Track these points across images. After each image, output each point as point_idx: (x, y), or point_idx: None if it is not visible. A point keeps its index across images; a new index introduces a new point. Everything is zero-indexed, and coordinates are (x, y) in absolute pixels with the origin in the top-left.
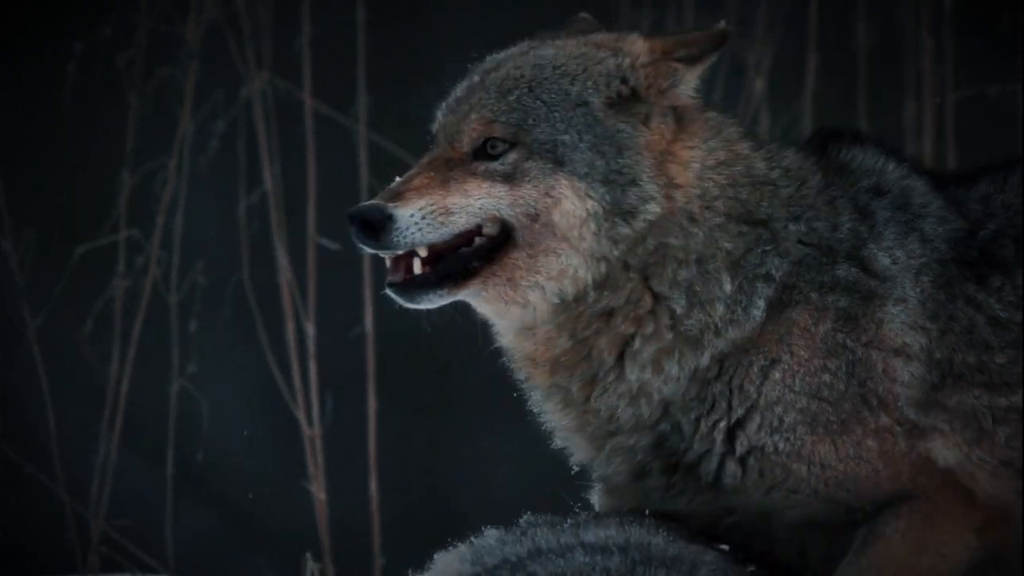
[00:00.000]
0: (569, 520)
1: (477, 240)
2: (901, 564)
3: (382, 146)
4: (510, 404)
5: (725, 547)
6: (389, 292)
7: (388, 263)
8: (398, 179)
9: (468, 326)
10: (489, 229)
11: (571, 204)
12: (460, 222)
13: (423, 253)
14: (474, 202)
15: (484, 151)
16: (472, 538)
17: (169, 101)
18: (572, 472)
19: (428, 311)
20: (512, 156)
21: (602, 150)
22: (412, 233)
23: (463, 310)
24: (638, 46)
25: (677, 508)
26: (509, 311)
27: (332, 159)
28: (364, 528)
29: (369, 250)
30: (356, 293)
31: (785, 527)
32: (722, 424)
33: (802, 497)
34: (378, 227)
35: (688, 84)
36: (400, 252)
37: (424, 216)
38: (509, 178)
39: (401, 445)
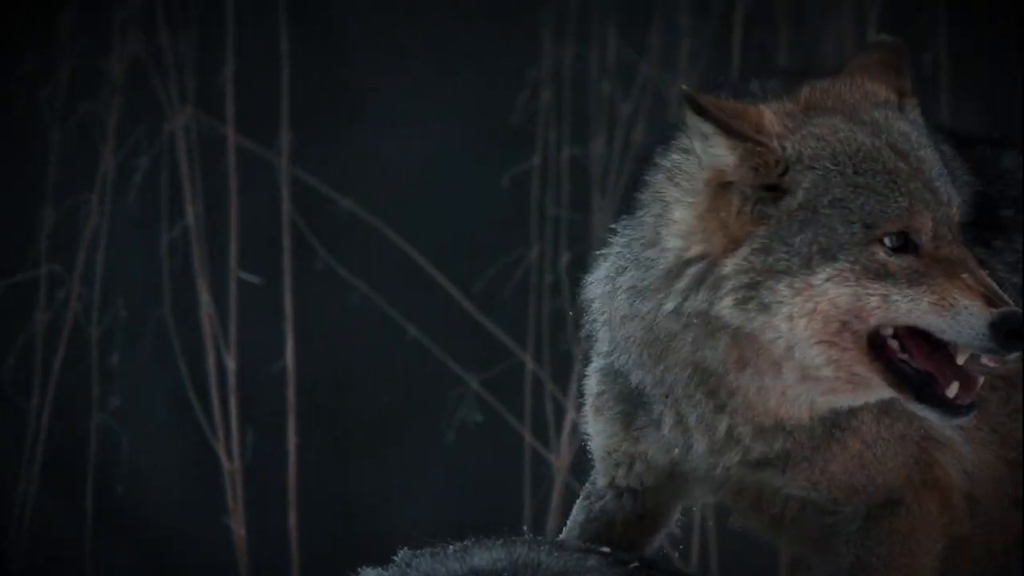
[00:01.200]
0: (452, 547)
1: None
2: None
3: (305, 181)
4: (431, 439)
5: (606, 549)
6: (944, 415)
7: (955, 387)
8: (985, 277)
9: (394, 361)
10: None
11: None
12: None
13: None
14: None
15: None
16: None
17: (91, 136)
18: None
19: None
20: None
21: None
22: None
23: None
24: (894, 93)
25: (712, 476)
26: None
27: (255, 194)
28: (283, 563)
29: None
30: (277, 328)
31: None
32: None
33: (824, 482)
34: None
35: None
36: None
37: None
38: None
39: (321, 480)
